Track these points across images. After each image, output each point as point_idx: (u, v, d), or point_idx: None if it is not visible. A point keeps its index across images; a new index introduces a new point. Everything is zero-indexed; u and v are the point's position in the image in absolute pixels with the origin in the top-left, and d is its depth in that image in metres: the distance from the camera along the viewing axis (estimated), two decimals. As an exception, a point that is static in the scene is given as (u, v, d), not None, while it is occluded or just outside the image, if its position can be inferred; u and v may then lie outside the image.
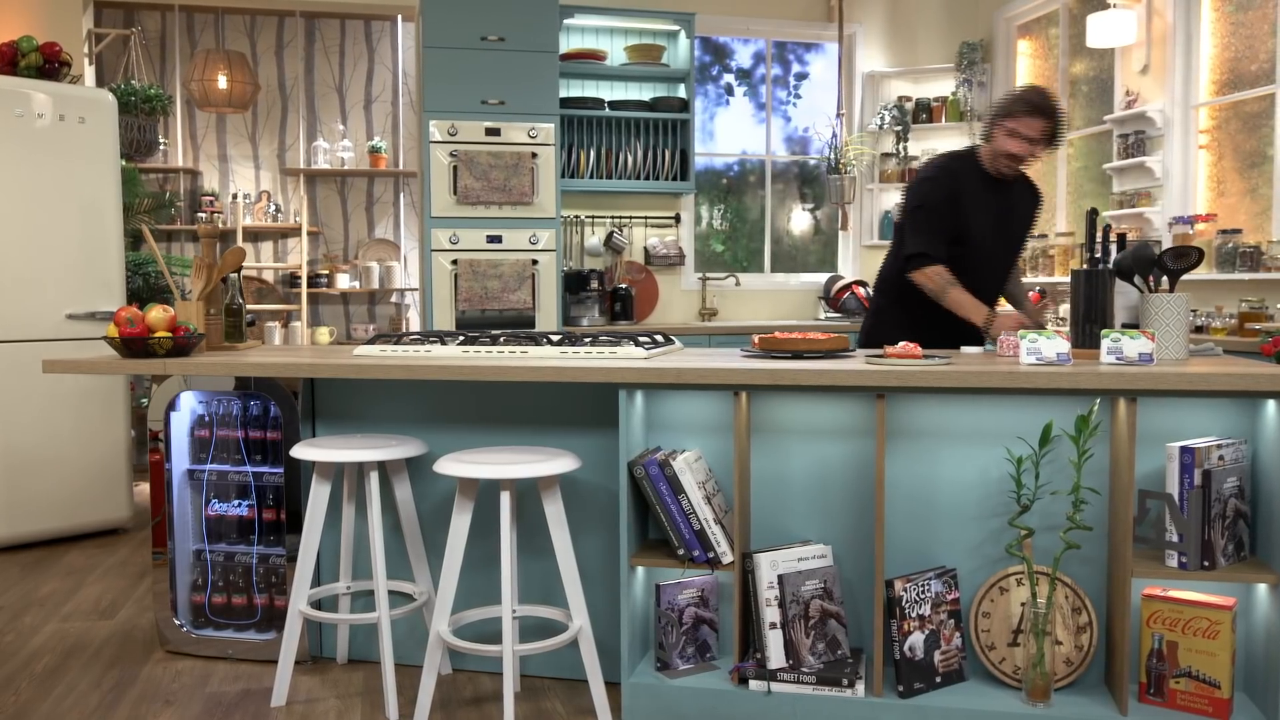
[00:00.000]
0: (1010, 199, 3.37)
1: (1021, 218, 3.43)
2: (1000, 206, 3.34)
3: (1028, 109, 3.17)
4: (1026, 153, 3.22)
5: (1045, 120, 3.19)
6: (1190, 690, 2.43)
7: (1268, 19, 4.39)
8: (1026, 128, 3.17)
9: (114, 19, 6.31)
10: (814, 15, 6.35)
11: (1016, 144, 3.20)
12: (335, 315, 6.77)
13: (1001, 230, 3.36)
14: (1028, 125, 3.17)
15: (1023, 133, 3.18)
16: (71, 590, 3.82)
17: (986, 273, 3.37)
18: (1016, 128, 3.18)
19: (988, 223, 3.31)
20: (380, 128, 6.76)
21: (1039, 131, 3.19)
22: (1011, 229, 3.40)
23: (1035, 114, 3.17)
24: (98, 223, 4.58)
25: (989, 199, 3.32)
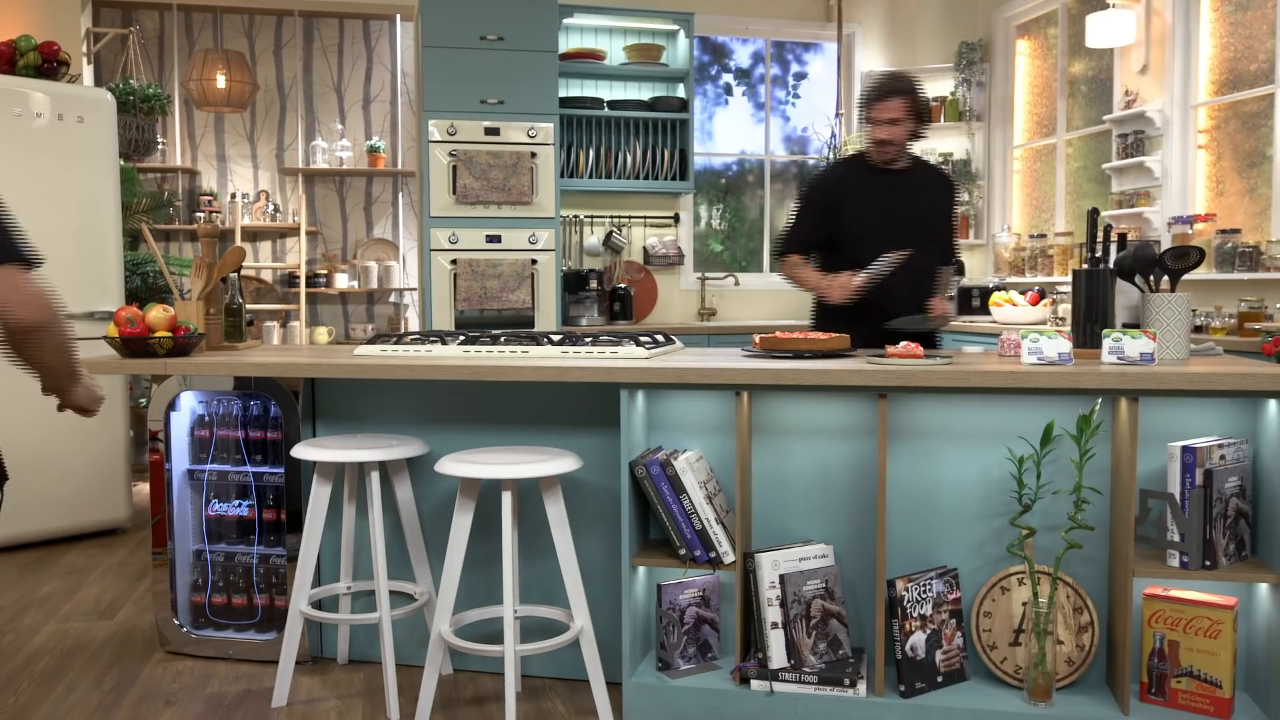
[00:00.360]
0: (905, 189, 3.38)
1: (923, 207, 3.40)
2: (892, 198, 3.36)
3: (878, 94, 3.25)
4: (893, 136, 3.27)
5: (898, 98, 3.23)
6: (1192, 690, 2.43)
7: (1267, 19, 4.39)
8: (882, 112, 3.25)
9: (112, 18, 6.30)
10: (813, 15, 6.35)
11: (881, 130, 3.28)
12: (334, 315, 6.76)
13: (895, 220, 3.34)
14: (882, 110, 3.25)
15: (881, 118, 3.26)
16: (71, 591, 3.81)
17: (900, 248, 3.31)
18: (875, 115, 3.28)
19: (875, 215, 3.36)
20: (379, 127, 6.76)
21: (897, 111, 3.24)
22: (909, 218, 3.36)
23: (885, 96, 3.24)
24: (96, 222, 4.57)
25: (878, 192, 3.37)
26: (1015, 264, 5.85)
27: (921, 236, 3.39)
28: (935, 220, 3.46)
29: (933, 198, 3.45)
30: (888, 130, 3.27)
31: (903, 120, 3.25)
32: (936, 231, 3.47)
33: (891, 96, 3.24)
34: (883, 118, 3.26)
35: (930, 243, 3.43)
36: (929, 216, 3.43)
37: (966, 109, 6.22)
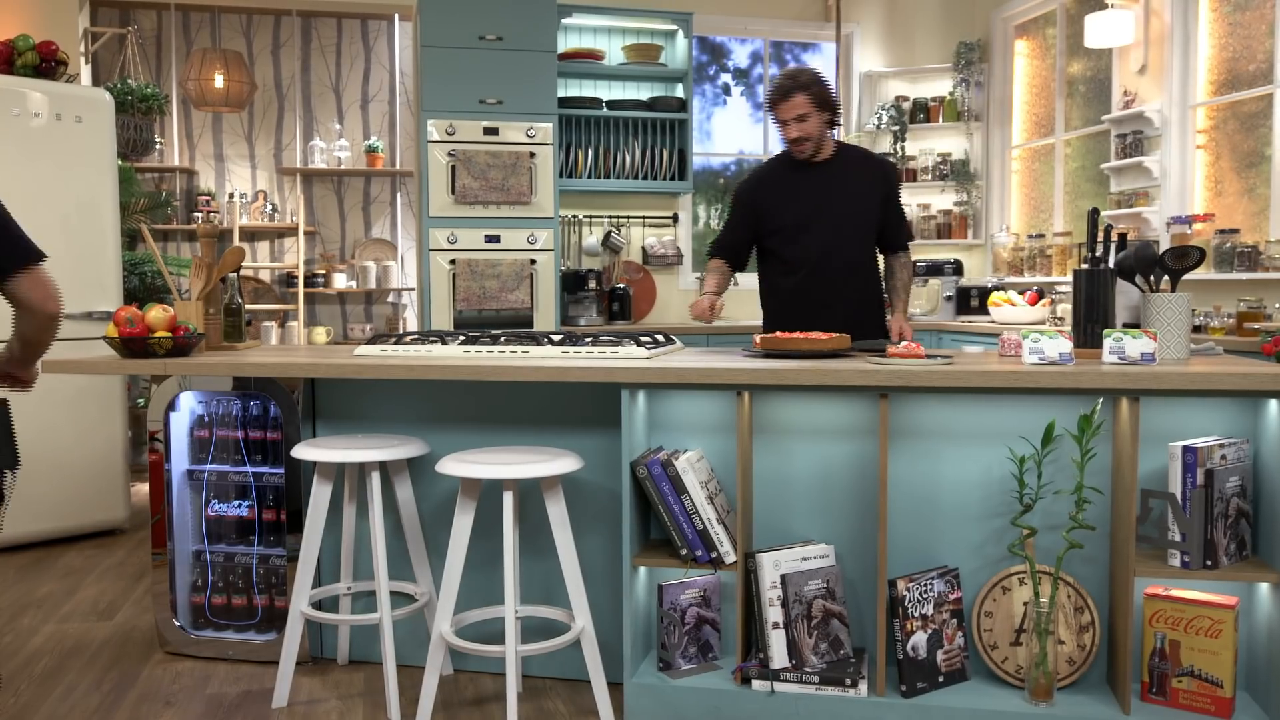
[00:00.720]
0: (828, 181, 3.36)
1: (847, 197, 3.35)
2: (814, 191, 3.35)
3: (779, 94, 3.25)
4: (804, 133, 3.27)
5: (800, 94, 3.22)
6: (1193, 689, 2.43)
7: (1265, 19, 4.40)
8: (787, 111, 3.25)
9: (109, 18, 6.29)
10: (811, 15, 6.35)
11: (790, 129, 3.28)
12: (332, 315, 6.75)
13: (816, 213, 3.34)
14: (786, 110, 3.25)
15: (788, 117, 3.25)
16: (69, 591, 3.80)
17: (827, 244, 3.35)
18: (781, 116, 3.28)
19: (797, 210, 3.35)
20: (377, 127, 6.75)
21: (802, 108, 3.23)
22: (831, 210, 3.34)
23: (787, 95, 3.23)
24: (94, 222, 4.56)
25: (799, 187, 3.37)
26: (1014, 264, 5.85)
27: (846, 227, 3.36)
28: (864, 209, 3.39)
29: (859, 186, 3.38)
30: (797, 128, 3.27)
31: (810, 115, 3.24)
32: (865, 221, 3.40)
33: (793, 94, 3.22)
34: (789, 117, 3.26)
35: (857, 232, 3.38)
36: (855, 206, 3.37)
37: (965, 109, 6.22)
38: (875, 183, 3.41)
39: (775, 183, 3.42)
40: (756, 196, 3.44)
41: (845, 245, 3.38)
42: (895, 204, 3.48)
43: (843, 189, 3.36)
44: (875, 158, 3.49)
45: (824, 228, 3.35)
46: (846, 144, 3.49)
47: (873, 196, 3.40)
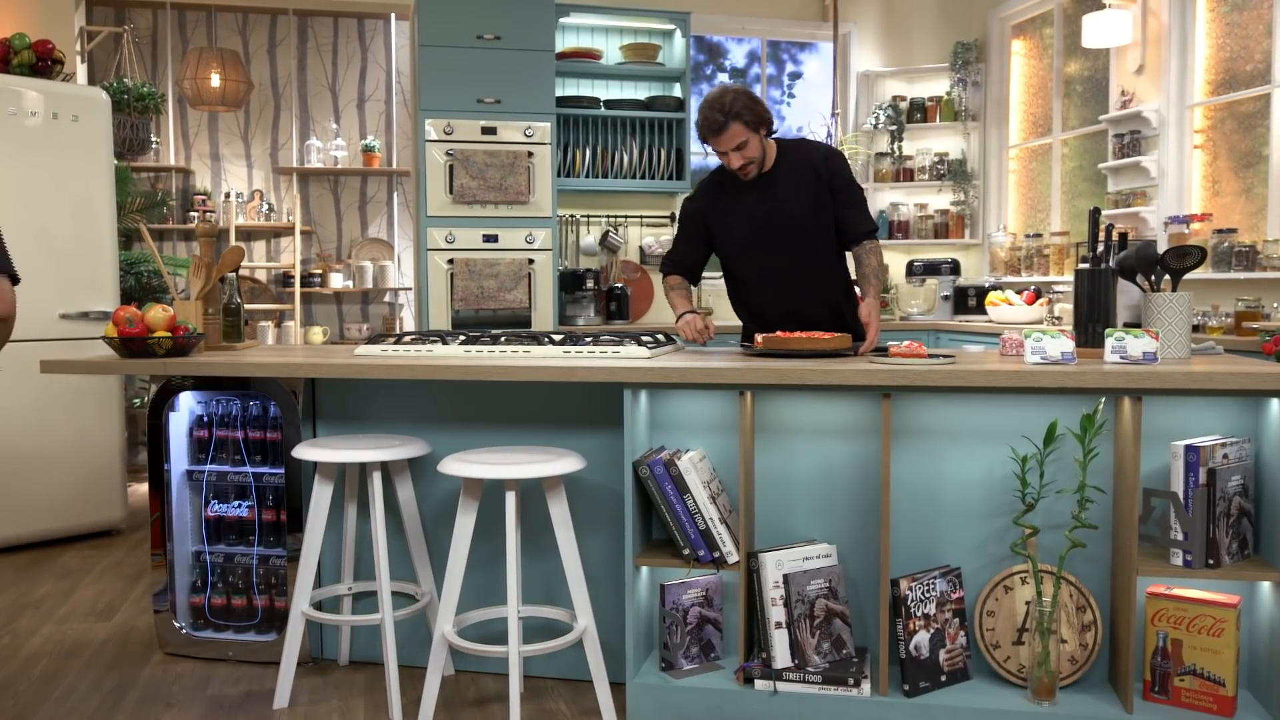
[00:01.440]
0: (772, 191, 3.19)
1: (800, 198, 3.17)
2: (759, 205, 3.19)
3: (711, 129, 3.04)
4: (746, 158, 3.08)
5: (733, 124, 3.01)
6: (1195, 688, 2.44)
7: (1263, 19, 4.41)
8: (723, 144, 3.06)
9: (104, 16, 6.27)
10: (809, 14, 6.35)
11: (730, 159, 3.09)
12: (328, 315, 6.74)
13: (764, 227, 3.20)
14: (719, 143, 3.07)
15: (725, 149, 3.07)
16: (67, 592, 3.79)
17: (783, 261, 3.22)
18: (719, 149, 3.09)
19: (744, 228, 3.21)
20: (373, 127, 6.74)
21: (739, 136, 3.04)
22: (779, 221, 3.19)
23: (718, 131, 3.03)
24: (91, 222, 4.55)
25: (752, 202, 3.20)
26: (1011, 263, 5.86)
27: (800, 234, 3.19)
28: (812, 210, 3.19)
29: (803, 186, 3.18)
30: (738, 156, 3.08)
31: (748, 139, 3.05)
32: (816, 220, 3.20)
33: (726, 126, 3.02)
34: (728, 148, 3.07)
35: (814, 235, 3.20)
36: (803, 214, 3.18)
37: (962, 109, 6.23)
38: (818, 181, 3.19)
39: (721, 202, 3.26)
40: (706, 215, 3.29)
41: (803, 252, 3.22)
42: (844, 192, 3.20)
43: (788, 199, 3.19)
44: (813, 152, 3.21)
45: (777, 244, 3.21)
46: (786, 142, 3.28)
47: (819, 197, 3.19)
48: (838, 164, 3.22)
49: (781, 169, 3.20)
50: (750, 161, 3.11)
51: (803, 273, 3.24)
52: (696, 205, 3.33)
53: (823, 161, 3.20)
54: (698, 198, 3.33)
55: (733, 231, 3.25)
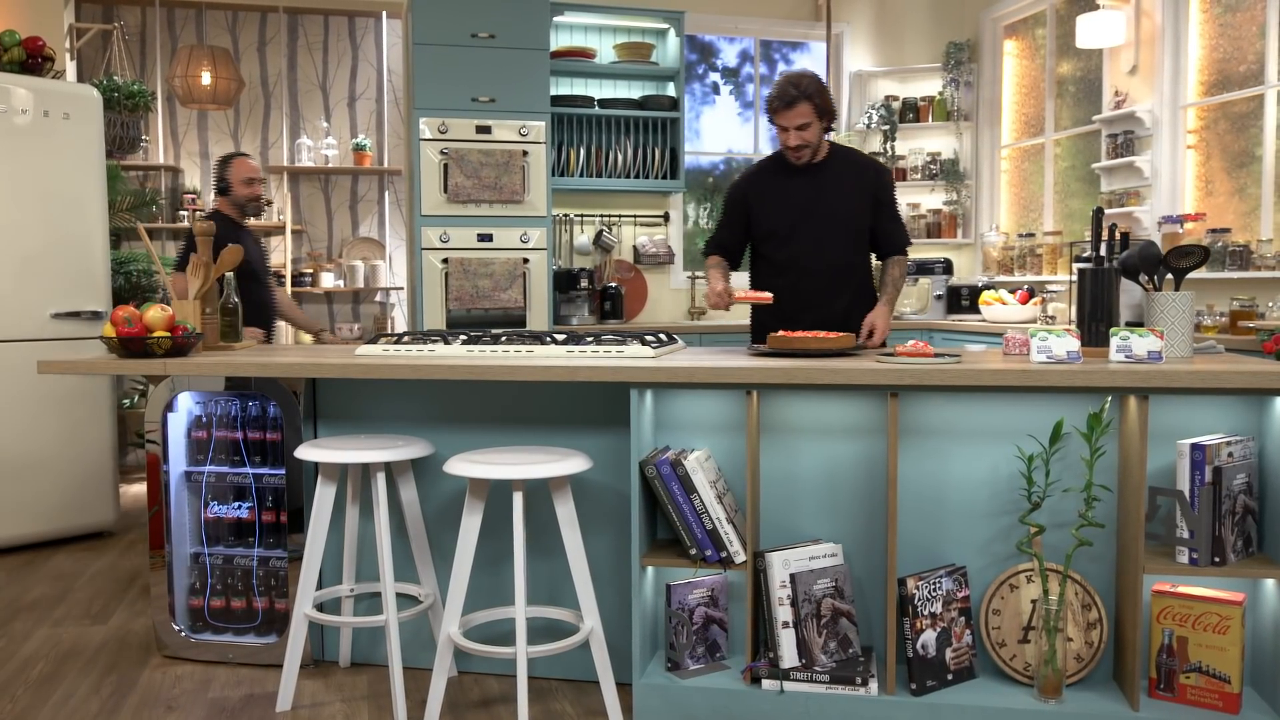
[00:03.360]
0: (819, 183, 3.35)
1: (836, 199, 3.34)
2: (803, 194, 3.35)
3: (783, 102, 3.22)
4: (804, 140, 3.26)
5: (804, 103, 3.20)
6: (1200, 685, 2.45)
7: (1255, 20, 4.44)
8: (790, 120, 3.24)
9: (93, 14, 6.21)
10: (801, 14, 6.36)
11: (788, 136, 3.27)
12: (319, 314, 6.70)
13: (805, 216, 3.35)
14: (789, 118, 3.24)
15: (788, 125, 3.24)
16: (61, 595, 3.75)
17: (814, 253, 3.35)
18: (782, 123, 3.26)
19: (785, 213, 3.36)
20: (364, 125, 6.71)
21: (805, 116, 3.22)
22: (819, 212, 3.34)
23: (792, 104, 3.21)
24: (82, 221, 4.50)
25: (790, 190, 3.36)
26: (1004, 263, 5.88)
27: (834, 230, 3.34)
28: (851, 212, 3.36)
29: (848, 189, 3.35)
30: (798, 136, 3.25)
31: (811, 123, 3.24)
32: (852, 223, 3.38)
33: (798, 103, 3.20)
34: (791, 125, 3.23)
35: (846, 235, 3.37)
36: (842, 209, 3.35)
37: (954, 109, 6.24)
38: (864, 185, 3.38)
39: (766, 185, 3.41)
40: (748, 198, 3.43)
41: (833, 248, 3.36)
42: (887, 207, 3.43)
43: (833, 192, 3.34)
44: (866, 160, 3.46)
45: (811, 231, 3.35)
46: (840, 145, 3.46)
47: (861, 199, 3.37)
48: (888, 179, 3.47)
49: (832, 165, 3.37)
50: (806, 145, 3.28)
51: (830, 263, 3.36)
52: (740, 189, 3.48)
53: (875, 174, 3.42)
54: (743, 181, 3.49)
55: (772, 213, 3.39)
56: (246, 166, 4.31)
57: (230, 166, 4.30)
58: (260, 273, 4.30)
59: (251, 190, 4.28)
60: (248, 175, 4.29)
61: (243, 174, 4.29)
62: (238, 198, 4.29)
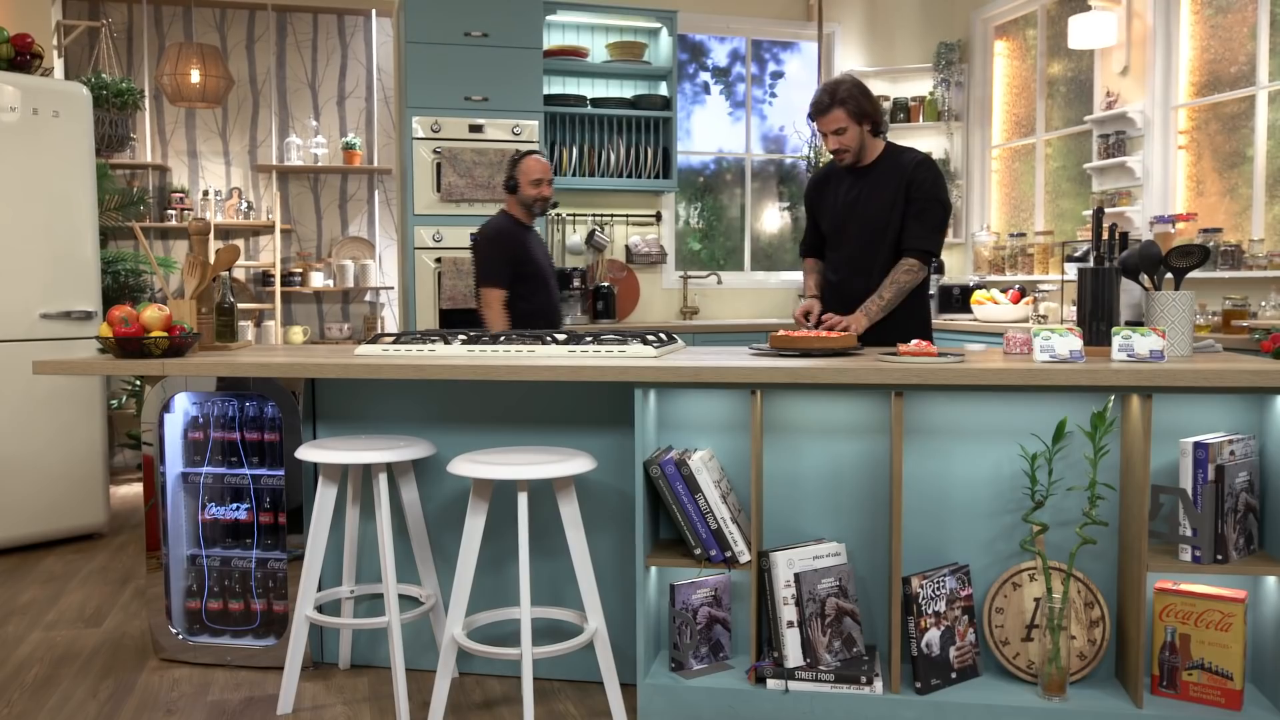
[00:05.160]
0: (863, 186, 3.39)
1: (871, 202, 3.35)
2: (850, 196, 3.41)
3: (817, 109, 3.31)
4: (843, 144, 3.32)
5: (838, 109, 3.26)
6: (1203, 682, 2.46)
7: (1246, 22, 4.47)
8: (826, 125, 3.31)
9: (79, 10, 6.16)
10: (793, 14, 6.37)
11: (829, 141, 3.35)
12: (308, 314, 6.66)
13: (848, 218, 3.41)
14: (826, 123, 3.31)
15: (825, 130, 3.33)
16: (53, 597, 3.71)
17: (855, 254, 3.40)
18: (820, 129, 3.36)
19: (835, 215, 3.45)
20: (354, 124, 6.67)
21: (840, 122, 3.28)
22: (857, 215, 3.38)
23: (825, 110, 3.28)
24: (72, 220, 4.45)
25: (846, 189, 3.43)
26: (995, 262, 5.91)
27: (875, 231, 3.36)
28: (890, 213, 3.33)
29: (887, 189, 3.34)
30: (835, 140, 3.32)
31: (848, 127, 3.28)
32: (879, 223, 3.35)
33: (830, 109, 3.27)
34: (827, 130, 3.31)
35: (886, 236, 3.35)
36: (882, 210, 3.34)
37: (945, 109, 6.27)
38: (899, 183, 3.34)
39: (825, 186, 3.51)
40: (813, 200, 3.57)
41: (876, 249, 3.38)
42: (919, 203, 3.30)
43: (875, 193, 3.37)
44: (909, 157, 3.38)
45: (856, 232, 3.40)
46: (896, 146, 3.43)
47: (898, 194, 3.34)
48: (923, 173, 3.33)
49: (880, 167, 3.39)
50: (845, 149, 3.33)
51: (874, 264, 3.38)
52: (808, 189, 3.61)
53: (912, 167, 3.34)
54: (810, 182, 3.61)
55: (826, 214, 3.49)
56: (537, 166, 4.02)
57: (520, 165, 4.04)
58: (540, 275, 4.02)
59: (539, 191, 4.01)
60: (536, 175, 4.00)
61: (532, 174, 4.01)
62: (525, 197, 4.03)
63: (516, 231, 4.01)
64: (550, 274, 4.10)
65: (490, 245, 3.96)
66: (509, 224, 4.03)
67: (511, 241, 3.95)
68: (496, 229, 4.00)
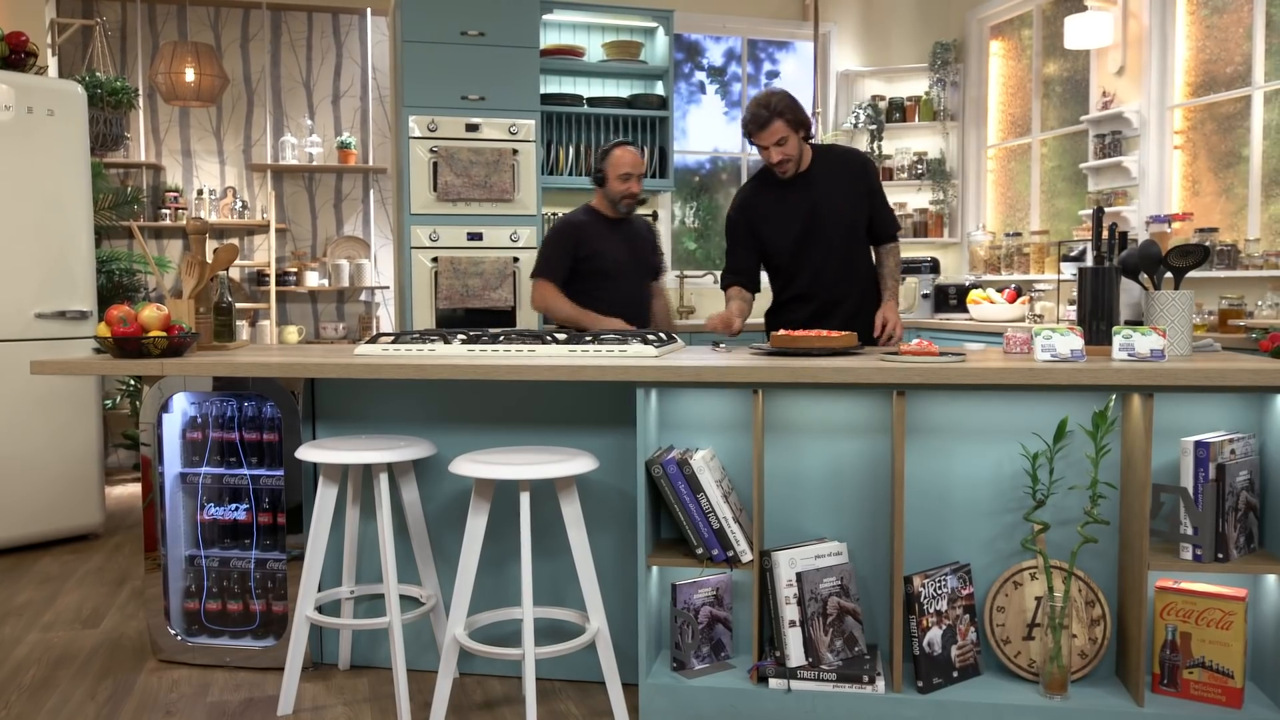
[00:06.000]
0: (809, 190, 3.42)
1: (828, 200, 3.41)
2: (799, 203, 3.42)
3: (756, 125, 3.31)
4: (785, 155, 3.33)
5: (776, 120, 3.27)
6: (1204, 680, 2.47)
7: (1242, 22, 4.49)
8: (765, 139, 3.32)
9: (72, 9, 6.13)
10: (789, 14, 6.37)
11: (771, 154, 3.34)
12: (303, 314, 6.64)
13: (805, 224, 3.42)
14: (764, 137, 3.32)
15: (767, 144, 3.32)
16: (49, 599, 3.69)
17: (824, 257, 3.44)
18: (760, 143, 3.35)
19: (787, 225, 3.43)
20: (348, 123, 6.65)
21: (780, 133, 3.29)
22: (817, 217, 3.41)
23: (764, 125, 3.28)
24: (67, 219, 4.43)
25: (794, 198, 3.43)
26: (990, 262, 5.92)
27: (839, 232, 3.43)
28: (851, 210, 3.44)
29: (843, 188, 3.43)
30: (778, 151, 3.33)
31: (788, 137, 3.31)
32: (855, 221, 3.45)
33: (770, 122, 3.27)
34: (769, 143, 3.32)
35: (851, 235, 3.44)
36: (842, 210, 3.43)
37: (941, 109, 6.28)
38: (856, 180, 3.46)
39: (764, 203, 3.48)
40: (751, 221, 3.50)
41: (841, 250, 3.45)
42: (879, 195, 3.51)
43: (828, 194, 3.42)
44: (851, 155, 3.53)
45: (819, 238, 3.43)
46: (820, 146, 3.51)
47: (857, 194, 3.46)
48: (874, 167, 3.54)
49: (817, 169, 3.43)
50: (788, 159, 3.35)
51: (841, 266, 3.46)
52: (741, 213, 3.53)
53: (863, 166, 3.48)
54: (738, 209, 3.54)
55: (782, 230, 3.45)
56: (627, 158, 3.78)
57: (609, 157, 3.80)
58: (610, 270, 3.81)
59: (627, 187, 3.77)
60: (625, 169, 3.77)
61: (620, 167, 3.77)
62: (612, 193, 3.80)
63: (587, 225, 3.81)
64: (629, 269, 3.86)
65: (548, 238, 3.84)
66: (582, 217, 3.84)
67: (576, 235, 3.78)
68: (562, 221, 3.86)
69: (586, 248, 3.77)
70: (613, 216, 3.87)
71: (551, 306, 3.77)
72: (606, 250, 3.80)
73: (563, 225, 3.84)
